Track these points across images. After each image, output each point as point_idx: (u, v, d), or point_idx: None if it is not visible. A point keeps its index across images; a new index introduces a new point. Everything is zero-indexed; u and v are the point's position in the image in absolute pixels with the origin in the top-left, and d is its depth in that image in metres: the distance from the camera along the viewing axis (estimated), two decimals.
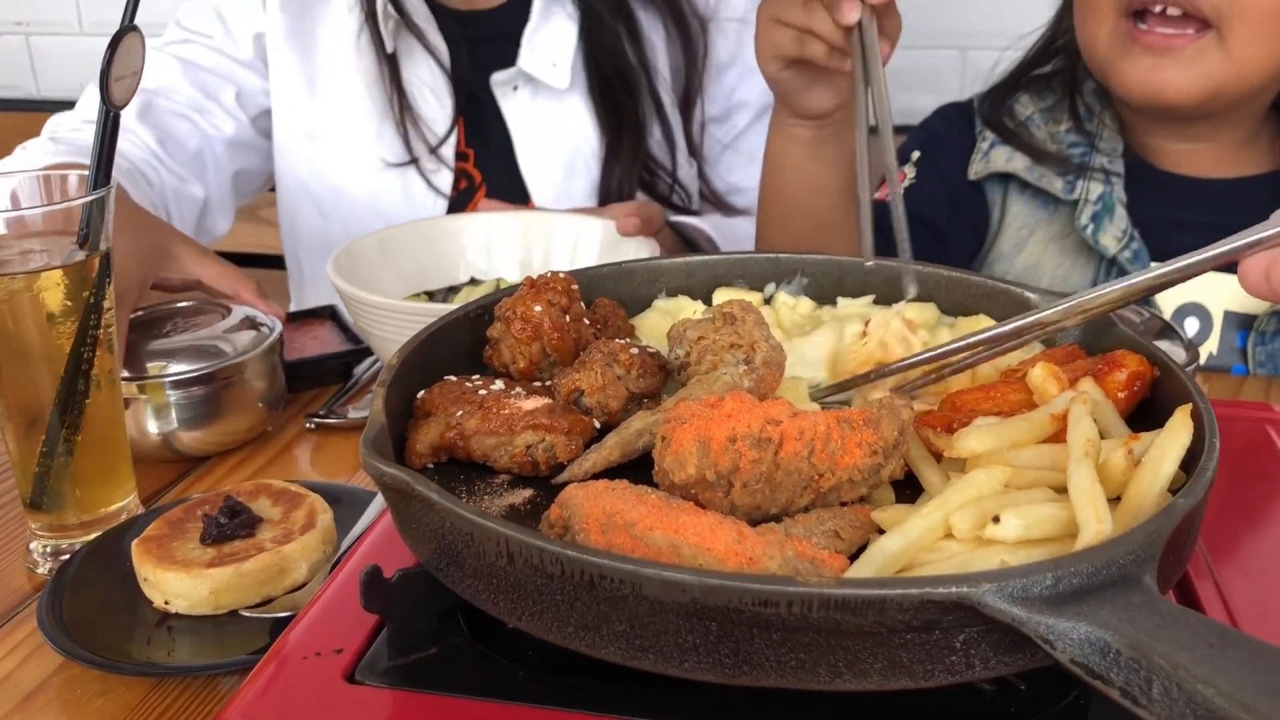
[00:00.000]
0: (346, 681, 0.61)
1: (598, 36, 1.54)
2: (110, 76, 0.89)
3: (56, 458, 0.92)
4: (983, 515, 0.55)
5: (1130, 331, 0.76)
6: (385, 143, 1.58)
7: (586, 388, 0.73)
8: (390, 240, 1.32)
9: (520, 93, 1.58)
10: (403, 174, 1.59)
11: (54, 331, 0.90)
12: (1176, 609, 0.48)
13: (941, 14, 2.02)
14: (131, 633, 0.82)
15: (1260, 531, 0.74)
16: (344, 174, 1.61)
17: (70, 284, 0.89)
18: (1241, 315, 1.37)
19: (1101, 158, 1.40)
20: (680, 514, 0.56)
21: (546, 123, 1.59)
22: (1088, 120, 1.43)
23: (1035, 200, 1.45)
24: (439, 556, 0.59)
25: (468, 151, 1.61)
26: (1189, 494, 0.56)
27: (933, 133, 1.56)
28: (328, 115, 1.61)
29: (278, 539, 0.86)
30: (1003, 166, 1.45)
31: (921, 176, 1.51)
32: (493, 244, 1.36)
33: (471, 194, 1.62)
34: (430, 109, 1.58)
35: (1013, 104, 1.48)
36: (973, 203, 1.49)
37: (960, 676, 0.51)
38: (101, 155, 0.91)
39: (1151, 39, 1.24)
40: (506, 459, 0.70)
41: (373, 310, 1.12)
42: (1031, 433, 0.64)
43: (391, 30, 1.55)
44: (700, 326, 0.77)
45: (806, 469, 0.60)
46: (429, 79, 1.57)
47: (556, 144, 1.58)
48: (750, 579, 0.49)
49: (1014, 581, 0.49)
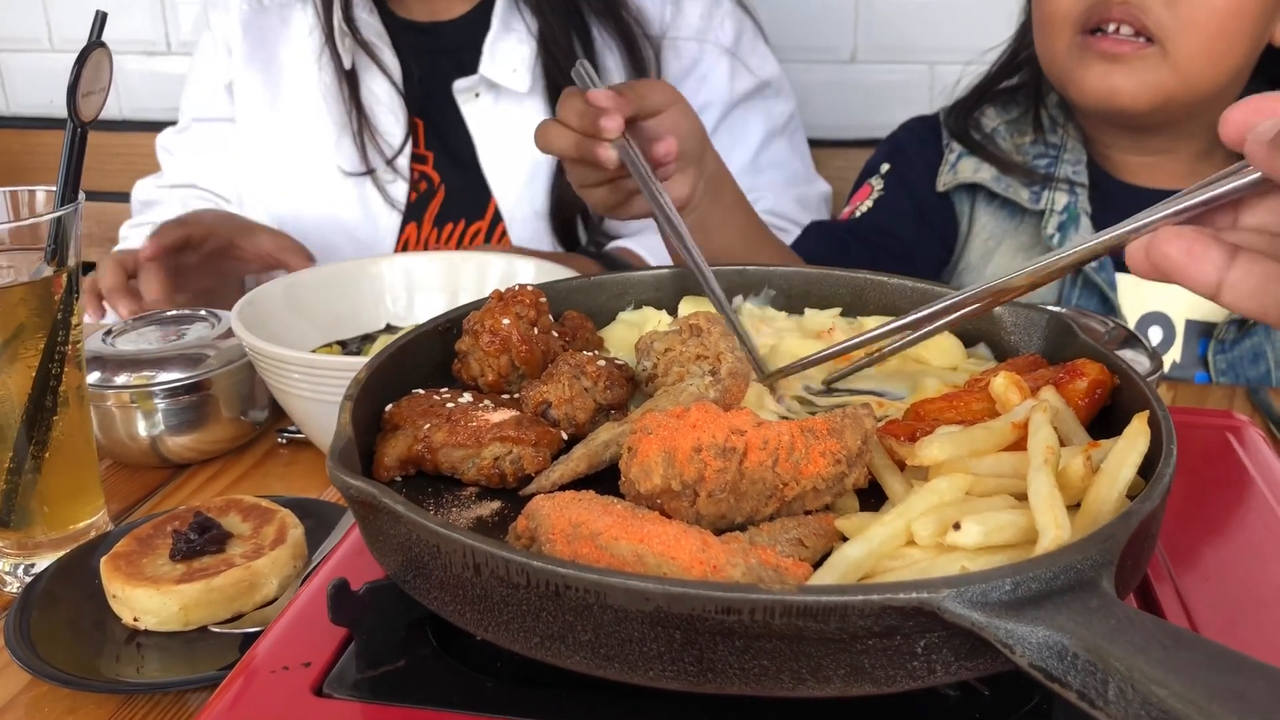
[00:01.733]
0: (315, 695, 0.61)
1: (555, 46, 1.59)
2: (77, 92, 0.89)
3: (24, 475, 0.91)
4: (944, 522, 0.56)
5: (1091, 341, 0.77)
6: (344, 155, 1.64)
7: (554, 400, 0.74)
8: (299, 286, 1.21)
9: (482, 99, 1.64)
10: (360, 185, 1.65)
11: (21, 347, 0.89)
12: (1133, 612, 0.49)
13: (911, 31, 2.04)
14: (100, 650, 0.82)
15: (1220, 537, 0.75)
16: (302, 186, 1.67)
17: (37, 300, 0.89)
18: (1202, 324, 1.39)
19: (1066, 168, 1.43)
20: (645, 524, 0.57)
21: (508, 127, 1.63)
22: (1051, 132, 1.46)
23: (1002, 211, 1.47)
24: (406, 569, 0.59)
25: (426, 154, 1.67)
26: (1146, 499, 0.57)
27: (900, 146, 1.58)
28: (288, 130, 1.67)
29: (247, 554, 0.86)
30: (970, 177, 1.47)
31: (889, 190, 1.53)
32: (414, 287, 1.26)
33: (431, 196, 1.67)
34: (386, 122, 1.64)
35: (979, 116, 1.51)
36: (940, 214, 1.52)
37: (922, 682, 0.52)
38: (69, 171, 0.91)
39: (1104, 44, 1.28)
40: (474, 471, 0.70)
41: (277, 365, 1.02)
42: (993, 441, 0.65)
43: (349, 47, 1.61)
44: (667, 339, 0.77)
45: (771, 478, 0.61)
46: (384, 95, 1.64)
47: (519, 148, 1.62)
48: (713, 586, 0.50)
49: (973, 587, 0.49)
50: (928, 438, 0.64)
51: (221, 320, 1.22)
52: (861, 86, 2.08)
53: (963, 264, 1.51)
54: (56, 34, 2.41)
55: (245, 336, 1.05)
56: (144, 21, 2.34)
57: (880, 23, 2.07)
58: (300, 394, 1.02)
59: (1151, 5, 1.24)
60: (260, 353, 1.03)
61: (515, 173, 1.64)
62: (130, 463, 1.15)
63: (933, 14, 2.03)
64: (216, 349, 1.16)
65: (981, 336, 0.86)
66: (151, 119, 2.39)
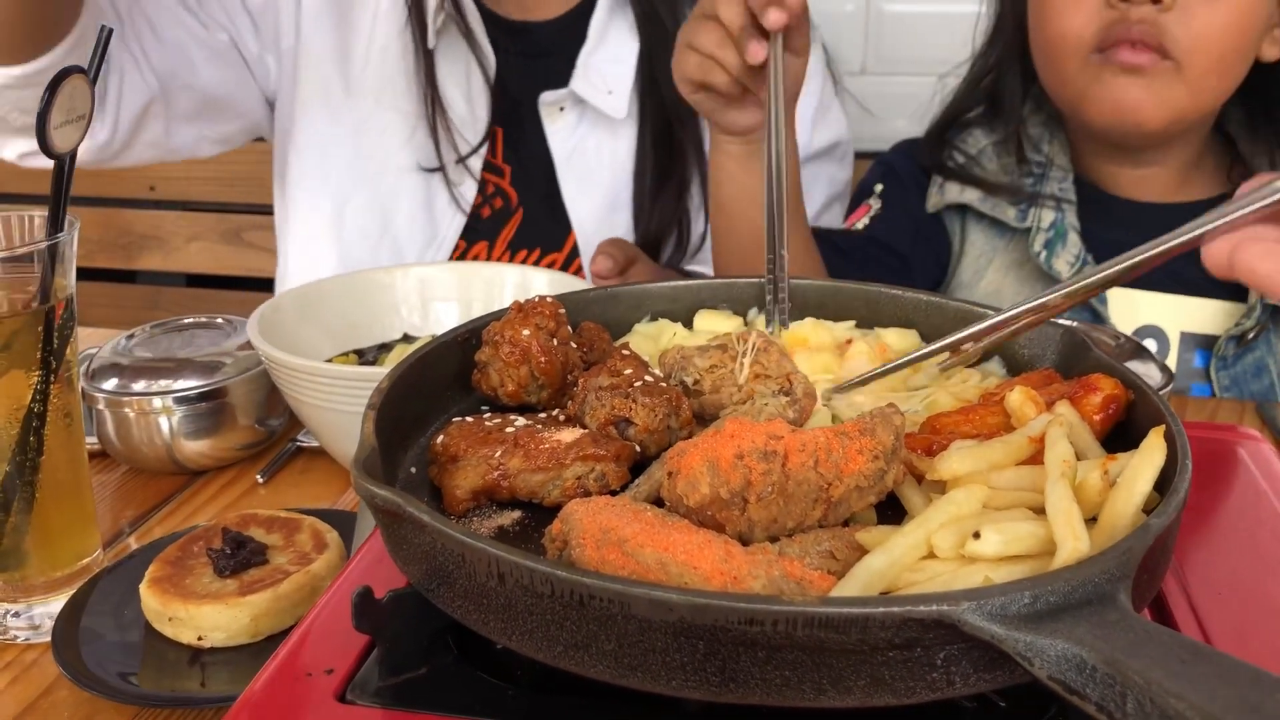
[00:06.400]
0: (338, 701, 0.61)
1: (661, 60, 1.41)
2: (48, 122, 0.82)
3: (14, 514, 0.89)
4: (963, 534, 0.57)
5: (1105, 355, 0.78)
6: (417, 146, 1.50)
7: (640, 423, 0.72)
8: (316, 295, 1.22)
9: (567, 114, 1.50)
10: (427, 179, 1.51)
11: (7, 380, 0.87)
12: (1150, 626, 0.50)
13: (920, 43, 2.06)
14: (177, 673, 0.82)
15: (1233, 550, 0.76)
16: (362, 171, 1.52)
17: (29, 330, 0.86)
18: (1198, 336, 1.41)
19: (1053, 185, 1.45)
20: (672, 532, 0.57)
21: (593, 150, 1.51)
22: (1035, 152, 1.48)
23: (992, 229, 1.49)
24: (430, 577, 0.60)
25: (504, 167, 1.53)
26: (1162, 514, 0.57)
27: (891, 168, 1.59)
28: (353, 105, 1.51)
29: (294, 561, 0.87)
30: (957, 198, 1.49)
31: (887, 206, 1.55)
32: (429, 298, 1.27)
33: (507, 216, 1.54)
34: (464, 117, 1.50)
35: (964, 138, 1.53)
36: (934, 233, 1.54)
37: (941, 693, 0.53)
38: (55, 205, 0.87)
39: (1125, 54, 1.29)
40: (558, 493, 0.69)
41: (293, 374, 1.02)
42: (1010, 455, 0.65)
43: (439, 26, 1.47)
44: (710, 355, 0.78)
45: (815, 478, 0.61)
46: (465, 84, 1.49)
47: (603, 174, 1.51)
48: (737, 598, 0.50)
49: (993, 600, 0.50)
50: (946, 452, 0.65)
51: (238, 329, 1.23)
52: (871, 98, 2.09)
53: (955, 282, 1.52)
54: None
55: (262, 345, 1.05)
56: None
57: (889, 35, 2.08)
58: (316, 403, 1.03)
59: (1169, 24, 1.26)
60: (277, 362, 1.04)
61: (595, 202, 1.51)
62: (146, 469, 1.16)
63: (942, 27, 2.04)
64: (233, 357, 1.17)
65: (995, 351, 0.87)
66: None
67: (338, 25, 1.50)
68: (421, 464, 0.75)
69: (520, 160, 1.53)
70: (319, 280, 1.26)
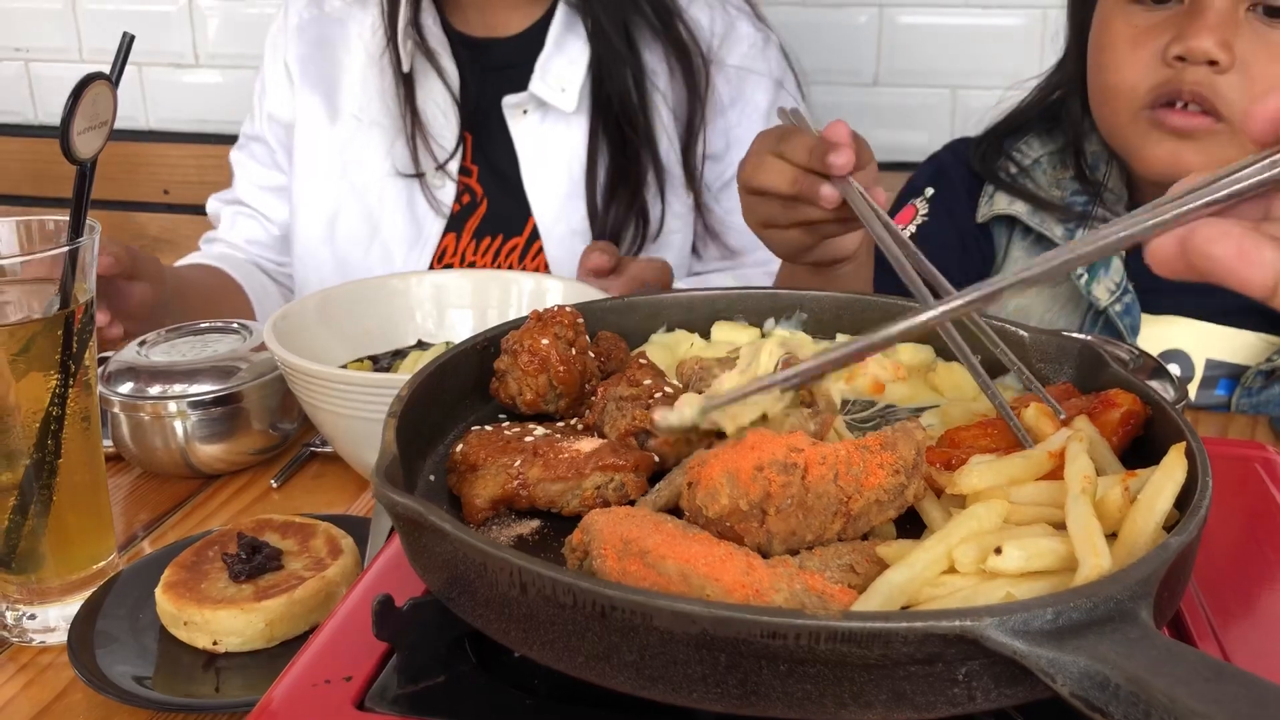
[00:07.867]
0: (356, 709, 0.62)
1: (607, 67, 1.62)
2: (71, 128, 0.82)
3: (31, 517, 0.89)
4: (984, 549, 0.57)
5: (1123, 371, 0.78)
6: (396, 157, 1.68)
7: (660, 434, 0.72)
8: (331, 301, 1.23)
9: (530, 116, 1.66)
10: (409, 186, 1.69)
11: (31, 380, 0.87)
12: (1173, 644, 0.50)
13: (933, 55, 2.06)
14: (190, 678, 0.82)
15: (1251, 567, 0.76)
16: (351, 184, 1.71)
17: (49, 334, 0.87)
18: (1225, 364, 1.38)
19: (1104, 210, 1.40)
20: (693, 543, 0.57)
21: (552, 145, 1.66)
22: (1093, 170, 1.43)
23: (1035, 247, 1.45)
24: (451, 586, 0.60)
25: (472, 168, 1.70)
26: (1183, 531, 0.57)
27: (942, 168, 1.55)
28: (342, 129, 1.71)
29: (309, 567, 0.87)
30: (1005, 209, 1.45)
31: (933, 216, 1.51)
32: (444, 305, 1.28)
33: (473, 208, 1.70)
34: (440, 128, 1.68)
35: (1020, 146, 1.49)
36: (979, 245, 1.50)
37: (962, 708, 0.53)
38: (76, 210, 0.87)
39: (1176, 119, 1.26)
40: (577, 503, 0.69)
41: (309, 380, 1.03)
42: (1029, 469, 0.65)
43: (410, 51, 1.65)
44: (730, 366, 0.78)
45: (835, 491, 0.61)
46: (440, 101, 1.67)
47: (561, 166, 1.66)
48: (760, 611, 0.51)
49: (1015, 616, 0.50)
50: (966, 466, 0.65)
51: (254, 333, 1.23)
52: (884, 110, 2.10)
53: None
54: (87, 45, 2.43)
55: (278, 351, 1.06)
56: (172, 34, 2.37)
57: (902, 47, 2.08)
58: (332, 409, 1.03)
59: (1224, 88, 1.22)
60: (293, 368, 1.04)
61: (554, 190, 1.67)
62: (160, 473, 1.17)
63: (955, 38, 2.04)
64: (249, 361, 1.17)
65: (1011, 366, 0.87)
66: (178, 130, 2.42)
67: (323, 73, 1.73)
68: (440, 472, 0.75)
69: (487, 159, 1.70)
70: (334, 286, 1.27)
